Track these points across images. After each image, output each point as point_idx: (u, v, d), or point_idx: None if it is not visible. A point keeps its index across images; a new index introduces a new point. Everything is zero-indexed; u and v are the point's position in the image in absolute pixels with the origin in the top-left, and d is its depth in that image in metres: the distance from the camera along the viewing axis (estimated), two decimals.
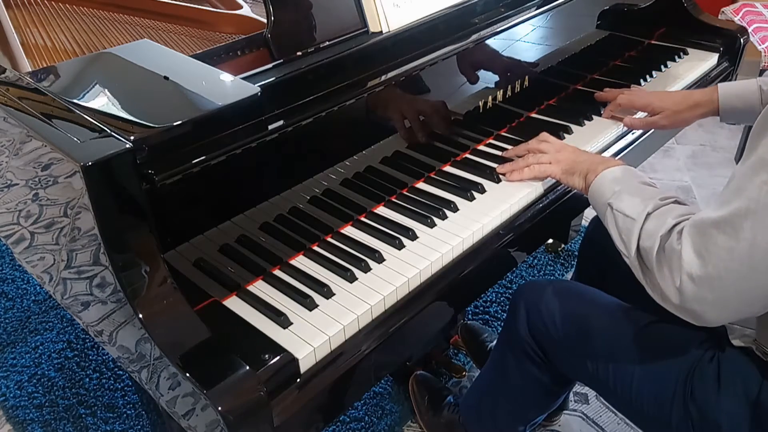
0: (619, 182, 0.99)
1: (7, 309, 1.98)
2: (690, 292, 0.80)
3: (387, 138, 1.12)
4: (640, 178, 0.99)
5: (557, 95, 1.46)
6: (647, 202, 0.91)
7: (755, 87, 1.21)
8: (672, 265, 0.83)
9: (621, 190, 0.97)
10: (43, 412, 1.64)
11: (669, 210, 0.89)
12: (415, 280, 0.97)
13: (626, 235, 0.91)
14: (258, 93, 0.87)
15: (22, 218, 1.02)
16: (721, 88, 1.25)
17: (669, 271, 0.83)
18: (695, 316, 0.83)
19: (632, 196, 0.94)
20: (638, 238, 0.89)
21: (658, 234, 0.85)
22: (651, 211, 0.90)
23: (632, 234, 0.90)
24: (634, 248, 0.89)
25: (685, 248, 0.80)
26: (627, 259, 0.92)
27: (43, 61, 1.19)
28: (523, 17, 1.25)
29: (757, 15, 2.56)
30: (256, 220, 1.00)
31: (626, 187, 0.97)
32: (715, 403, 0.92)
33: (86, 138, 0.79)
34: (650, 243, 0.87)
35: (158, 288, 0.80)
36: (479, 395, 1.36)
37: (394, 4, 1.09)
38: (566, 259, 2.09)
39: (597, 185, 1.02)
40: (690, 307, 0.82)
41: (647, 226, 0.88)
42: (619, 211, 0.94)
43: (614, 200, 0.96)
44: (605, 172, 1.02)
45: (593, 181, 1.03)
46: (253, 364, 0.79)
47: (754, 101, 1.21)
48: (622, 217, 0.93)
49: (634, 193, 0.95)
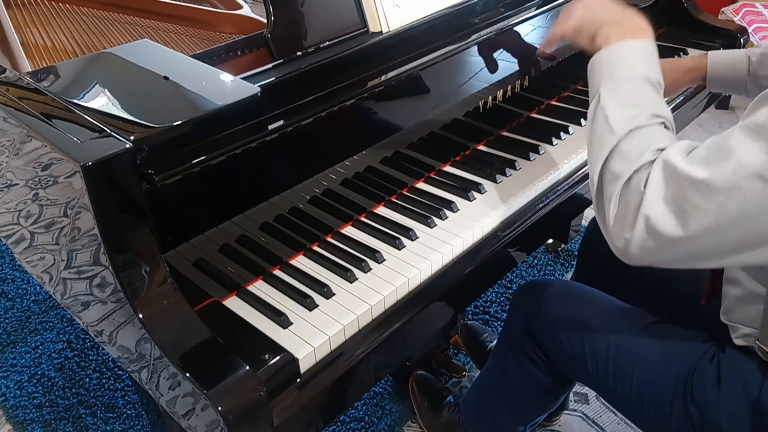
0: (623, 67, 0.85)
1: (7, 309, 1.99)
2: (638, 238, 0.75)
3: (387, 138, 1.12)
4: (649, 72, 0.85)
5: (557, 95, 1.46)
6: (636, 114, 0.80)
7: (744, 57, 1.21)
8: (631, 201, 0.76)
9: (619, 81, 0.84)
10: (43, 412, 1.64)
11: (652, 135, 0.79)
12: (415, 280, 0.97)
13: (598, 145, 0.82)
14: (258, 93, 0.87)
15: (22, 218, 1.02)
16: (711, 55, 1.25)
17: (625, 206, 0.77)
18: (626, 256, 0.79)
19: (626, 96, 0.82)
20: (608, 154, 0.80)
21: (632, 166, 0.77)
22: (634, 128, 0.79)
23: (605, 147, 0.80)
24: (600, 164, 0.80)
25: (651, 188, 0.74)
26: (590, 167, 0.84)
27: (43, 61, 1.19)
28: (523, 17, 1.25)
29: (757, 15, 2.56)
30: (256, 220, 1.00)
31: (627, 78, 0.84)
32: (716, 403, 0.92)
33: (86, 138, 0.79)
34: (620, 169, 0.78)
35: (158, 288, 0.80)
36: (479, 395, 1.36)
37: (394, 4, 1.09)
38: (566, 259, 2.09)
39: (601, 57, 0.87)
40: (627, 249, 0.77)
41: (624, 146, 0.79)
42: (603, 109, 0.83)
43: (605, 92, 0.84)
44: (617, 46, 0.86)
45: (601, 48, 0.88)
46: (253, 364, 0.79)
47: (741, 70, 1.21)
48: (603, 121, 0.82)
49: (631, 92, 0.83)
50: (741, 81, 1.22)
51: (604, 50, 0.88)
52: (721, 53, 1.26)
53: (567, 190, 1.20)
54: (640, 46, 0.87)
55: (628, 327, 1.04)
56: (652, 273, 1.14)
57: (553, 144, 1.27)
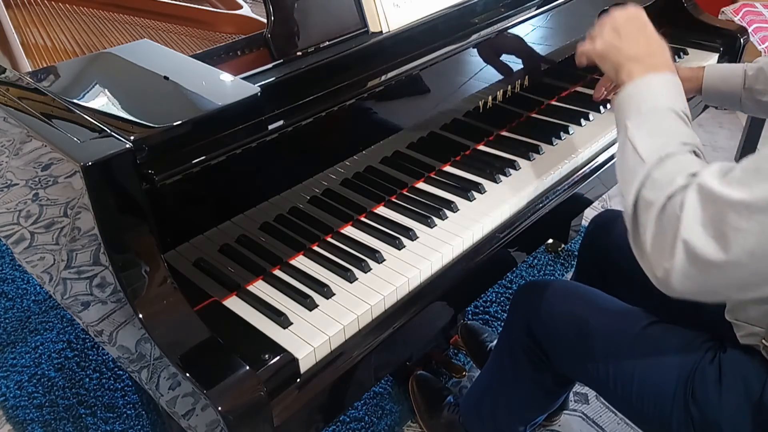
0: (648, 101, 0.85)
1: (7, 309, 1.99)
2: (679, 265, 0.73)
3: (387, 138, 1.12)
4: (674, 104, 0.85)
5: (557, 95, 1.46)
6: (665, 143, 0.80)
7: (740, 71, 1.21)
8: (669, 228, 0.74)
9: (645, 114, 0.84)
10: (43, 412, 1.64)
11: (683, 162, 0.78)
12: (415, 280, 0.97)
13: (629, 176, 0.81)
14: (258, 93, 0.87)
15: (22, 218, 1.02)
16: (708, 67, 1.25)
17: (662, 234, 0.75)
18: (667, 286, 0.76)
19: (653, 128, 0.82)
20: (641, 184, 0.78)
21: (665, 192, 0.75)
22: (665, 156, 0.78)
23: (636, 177, 0.79)
24: (634, 194, 0.79)
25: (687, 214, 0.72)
26: (624, 201, 0.82)
27: (43, 61, 1.19)
28: (523, 17, 1.25)
29: (757, 15, 2.56)
30: (256, 220, 1.00)
31: (652, 111, 0.84)
32: (717, 403, 0.92)
33: (86, 138, 0.79)
34: (653, 197, 0.76)
35: (158, 288, 0.80)
36: (479, 395, 1.36)
37: (394, 4, 1.09)
38: (566, 259, 2.09)
39: (625, 94, 0.88)
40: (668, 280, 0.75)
41: (655, 174, 0.78)
42: (631, 141, 0.82)
43: (632, 125, 0.83)
44: (640, 81, 0.87)
45: (624, 84, 0.89)
46: (253, 364, 0.79)
47: (737, 84, 1.21)
48: (632, 152, 0.81)
49: (658, 123, 0.82)
50: (736, 95, 1.22)
51: (628, 86, 0.88)
52: (717, 66, 1.26)
53: (567, 190, 1.21)
54: (663, 80, 0.87)
55: (628, 327, 1.04)
56: None
57: (553, 144, 1.27)
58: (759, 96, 1.18)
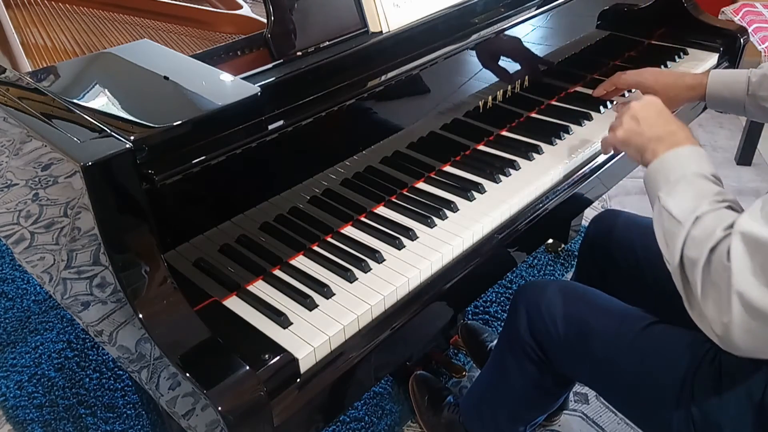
0: (675, 170, 0.87)
1: (7, 309, 1.98)
2: (738, 319, 0.71)
3: (387, 138, 1.12)
4: (701, 169, 0.87)
5: (557, 95, 1.46)
6: (699, 203, 0.81)
7: (744, 77, 1.21)
8: (720, 282, 0.73)
9: (675, 182, 0.86)
10: (43, 412, 1.64)
11: (720, 216, 0.79)
12: (414, 281, 0.97)
13: (671, 240, 0.82)
14: (258, 93, 0.87)
15: (22, 218, 1.02)
16: (712, 74, 1.26)
17: (714, 289, 0.74)
18: (730, 344, 0.75)
19: (684, 193, 0.84)
20: (683, 245, 0.80)
21: (707, 245, 0.76)
22: (700, 214, 0.80)
23: (677, 239, 0.80)
24: (678, 256, 0.80)
25: (737, 264, 0.71)
26: (669, 266, 0.83)
27: (43, 61, 1.19)
28: (523, 17, 1.25)
29: (757, 15, 2.56)
30: (256, 220, 1.00)
31: (681, 178, 0.86)
32: (717, 404, 0.92)
33: (86, 138, 0.79)
34: (696, 254, 0.77)
35: (158, 288, 0.80)
36: (479, 395, 1.36)
37: (394, 4, 1.09)
38: (566, 259, 2.09)
39: (653, 170, 0.91)
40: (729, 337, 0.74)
41: (694, 232, 0.79)
42: (666, 209, 0.84)
43: (664, 194, 0.86)
44: (664, 156, 0.90)
45: (650, 162, 0.92)
46: (253, 364, 0.79)
47: (740, 90, 1.21)
48: (668, 217, 0.83)
49: (688, 188, 0.84)
50: (740, 101, 1.22)
51: (654, 163, 0.91)
52: (722, 73, 1.26)
53: (567, 190, 1.20)
54: (687, 151, 0.90)
55: (628, 328, 1.03)
56: (652, 274, 1.14)
57: (553, 144, 1.27)
58: (763, 102, 1.18)
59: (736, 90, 1.22)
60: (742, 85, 1.21)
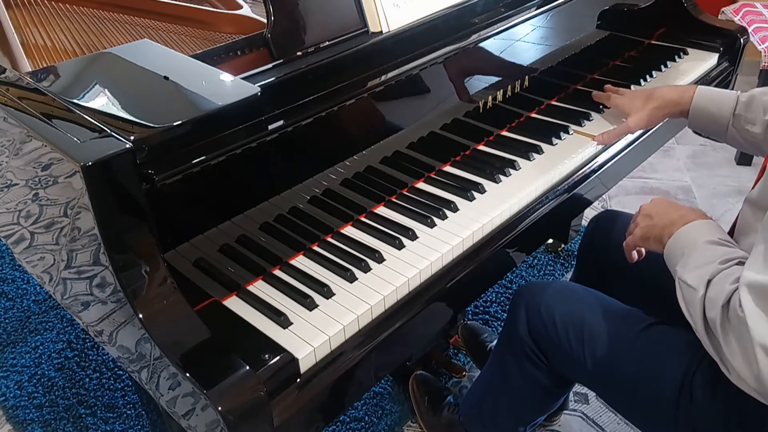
0: (687, 244, 0.92)
1: (7, 309, 1.98)
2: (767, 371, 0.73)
3: (387, 138, 1.12)
4: (711, 236, 0.91)
5: (557, 95, 1.46)
6: (708, 267, 0.85)
7: (733, 96, 1.17)
8: (741, 336, 0.76)
9: (687, 255, 0.90)
10: (43, 412, 1.64)
11: (729, 274, 0.82)
12: (414, 281, 0.97)
13: (692, 308, 0.85)
14: (258, 93, 0.87)
15: (22, 218, 1.02)
16: (700, 88, 1.21)
17: (738, 343, 0.77)
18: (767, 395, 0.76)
19: (696, 261, 0.88)
20: (703, 308, 0.83)
21: (720, 303, 0.79)
22: (711, 277, 0.83)
23: (695, 305, 0.84)
24: (701, 321, 0.83)
25: (750, 316, 0.73)
26: (698, 335, 0.86)
27: (43, 61, 1.19)
28: (523, 17, 1.25)
29: (757, 15, 2.56)
30: (256, 220, 1.00)
31: (692, 250, 0.90)
32: (716, 404, 0.92)
33: (86, 138, 0.79)
34: (714, 313, 0.80)
35: (158, 288, 0.80)
36: (479, 396, 1.36)
37: (394, 4, 1.09)
38: (566, 259, 2.09)
39: (669, 248, 0.95)
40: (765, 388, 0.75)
41: (710, 294, 0.82)
42: (682, 280, 0.88)
43: (680, 268, 0.90)
44: (677, 234, 0.95)
45: (666, 245, 0.96)
46: (253, 364, 0.79)
47: (727, 109, 1.15)
48: (686, 288, 0.87)
49: (699, 257, 0.88)
50: (725, 119, 1.16)
51: (669, 242, 0.95)
52: (709, 88, 1.21)
53: (567, 190, 1.21)
54: (696, 224, 0.94)
55: (627, 328, 1.04)
56: (651, 274, 1.14)
57: (553, 144, 1.27)
58: (747, 125, 1.14)
59: (723, 107, 1.16)
60: (729, 102, 1.16)
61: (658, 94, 1.25)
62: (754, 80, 2.43)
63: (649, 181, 2.52)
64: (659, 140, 1.57)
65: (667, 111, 1.24)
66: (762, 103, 1.12)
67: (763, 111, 1.11)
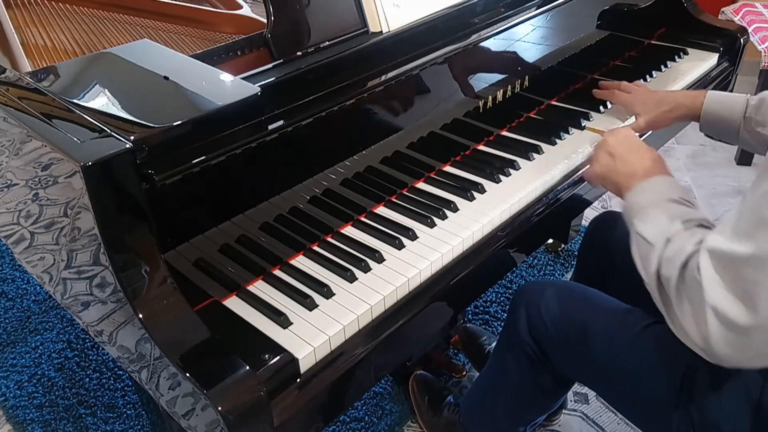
0: (647, 199, 0.92)
1: (7, 309, 1.98)
2: (716, 333, 0.73)
3: (387, 138, 1.12)
4: (671, 194, 0.91)
5: (557, 95, 1.46)
6: (670, 225, 0.85)
7: (743, 99, 1.19)
8: (694, 297, 0.76)
9: (646, 208, 0.90)
10: (43, 412, 1.64)
11: (690, 236, 0.82)
12: (415, 280, 0.97)
13: (645, 261, 0.86)
14: (258, 93, 0.87)
15: (22, 218, 1.02)
16: (710, 93, 1.24)
17: (690, 304, 0.77)
18: (716, 358, 0.76)
19: (655, 217, 0.88)
20: (658, 265, 0.83)
21: (678, 262, 0.79)
22: (671, 236, 0.83)
23: (651, 261, 0.84)
24: (654, 277, 0.84)
25: (707, 280, 0.74)
26: (648, 287, 0.87)
27: (43, 61, 1.19)
28: (523, 17, 1.25)
29: (757, 15, 2.56)
30: (256, 220, 1.00)
31: (652, 204, 0.90)
32: (716, 404, 0.92)
33: (86, 138, 0.79)
34: (669, 272, 0.81)
35: (158, 288, 0.80)
36: (479, 395, 1.36)
37: (394, 4, 1.09)
38: (566, 259, 2.09)
39: (628, 201, 0.96)
40: (712, 350, 0.75)
41: (666, 252, 0.82)
42: (639, 234, 0.88)
43: (637, 221, 0.90)
44: (636, 187, 0.95)
45: (624, 196, 0.97)
46: (253, 364, 0.79)
47: (737, 112, 1.18)
48: (642, 242, 0.87)
49: (659, 213, 0.88)
50: (735, 122, 1.19)
51: (629, 195, 0.96)
52: (719, 93, 1.24)
53: (567, 190, 1.21)
54: (656, 180, 0.95)
55: (627, 328, 1.04)
56: None
57: (553, 144, 1.27)
58: (757, 127, 1.16)
59: (733, 110, 1.18)
60: (740, 105, 1.18)
61: (670, 98, 1.28)
62: (754, 80, 2.43)
63: None
64: (659, 140, 1.57)
65: (678, 115, 1.27)
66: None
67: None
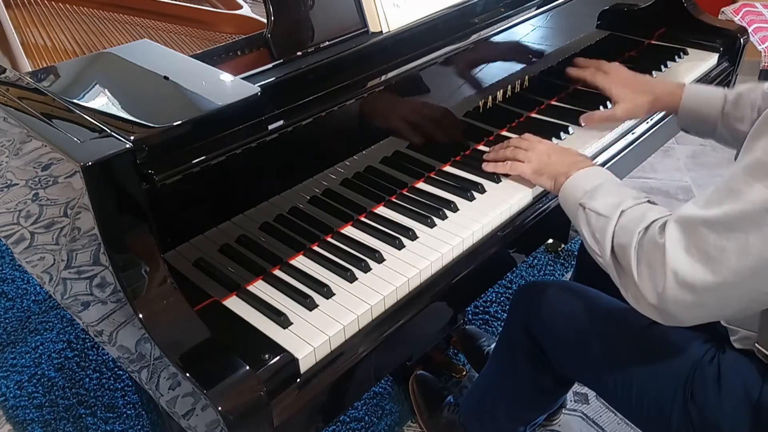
0: (591, 182, 0.97)
1: (7, 309, 1.98)
2: (672, 293, 0.78)
3: (387, 138, 1.12)
4: (613, 179, 0.98)
5: (557, 95, 1.46)
6: (621, 200, 0.90)
7: (720, 94, 1.17)
8: (653, 261, 0.80)
9: (594, 190, 0.95)
10: (43, 412, 1.64)
11: (646, 208, 0.88)
12: (415, 280, 0.97)
13: (600, 234, 0.90)
14: (258, 93, 0.87)
15: (22, 218, 1.02)
16: (688, 86, 1.22)
17: (648, 267, 0.81)
18: (667, 316, 0.81)
19: (606, 195, 0.93)
20: (612, 235, 0.87)
21: (636, 229, 0.84)
22: (625, 208, 0.88)
23: (606, 232, 0.88)
24: (609, 247, 0.88)
25: (671, 243, 0.78)
26: (601, 259, 0.91)
27: (43, 61, 1.19)
28: (523, 17, 1.25)
29: (757, 15, 2.56)
30: (256, 220, 1.00)
31: (599, 186, 0.95)
32: (716, 404, 0.92)
33: (86, 138, 0.79)
34: (626, 239, 0.85)
35: (158, 288, 0.80)
36: (479, 395, 1.36)
37: (394, 4, 1.09)
38: (566, 259, 2.09)
39: (568, 187, 1.00)
40: (665, 308, 0.80)
41: (622, 222, 0.87)
42: (592, 210, 0.92)
43: (586, 200, 0.94)
44: (576, 174, 1.00)
45: (563, 183, 1.01)
46: (253, 364, 0.79)
47: (716, 108, 1.16)
48: (595, 216, 0.92)
49: (608, 192, 0.94)
50: (713, 118, 1.17)
51: (568, 181, 1.01)
52: (698, 86, 1.23)
53: None
54: (597, 168, 1.03)
55: (627, 328, 1.04)
56: None
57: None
58: (735, 123, 1.14)
59: (711, 106, 1.17)
60: (718, 101, 1.16)
61: (649, 87, 1.27)
62: (754, 80, 2.43)
63: (649, 181, 2.52)
64: (659, 140, 1.57)
65: (658, 106, 1.26)
66: (749, 101, 1.13)
67: (750, 108, 1.12)
